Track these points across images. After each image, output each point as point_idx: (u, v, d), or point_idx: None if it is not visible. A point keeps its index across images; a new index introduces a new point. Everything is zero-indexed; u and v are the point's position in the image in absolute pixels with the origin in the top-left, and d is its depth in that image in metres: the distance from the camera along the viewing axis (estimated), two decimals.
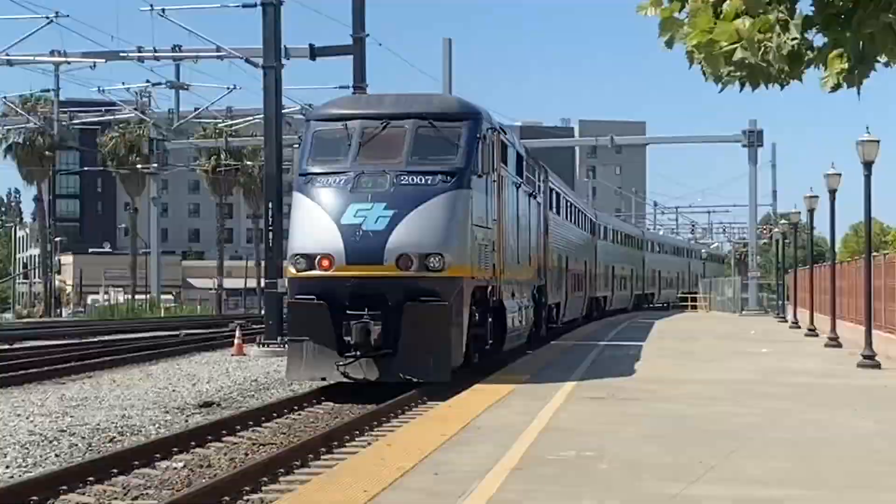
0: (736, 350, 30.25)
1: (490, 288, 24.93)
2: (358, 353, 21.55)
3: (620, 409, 15.98)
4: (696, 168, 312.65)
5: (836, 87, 6.20)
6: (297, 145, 28.85)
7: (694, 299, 78.83)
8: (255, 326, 43.03)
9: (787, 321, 49.20)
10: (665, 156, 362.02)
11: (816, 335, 35.85)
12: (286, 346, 25.43)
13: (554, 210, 38.61)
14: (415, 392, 21.06)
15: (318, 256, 22.26)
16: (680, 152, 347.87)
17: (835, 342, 30.65)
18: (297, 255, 22.77)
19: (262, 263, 50.48)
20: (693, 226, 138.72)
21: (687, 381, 20.50)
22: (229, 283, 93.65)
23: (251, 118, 60.09)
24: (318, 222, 22.72)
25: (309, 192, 23.08)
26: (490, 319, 25.39)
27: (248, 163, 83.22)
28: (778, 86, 6.31)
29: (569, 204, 45.29)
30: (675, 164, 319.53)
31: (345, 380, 21.99)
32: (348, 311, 21.82)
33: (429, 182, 22.91)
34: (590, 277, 51.35)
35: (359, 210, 22.39)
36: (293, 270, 22.87)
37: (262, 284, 39.30)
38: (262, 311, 39.19)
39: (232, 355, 31.60)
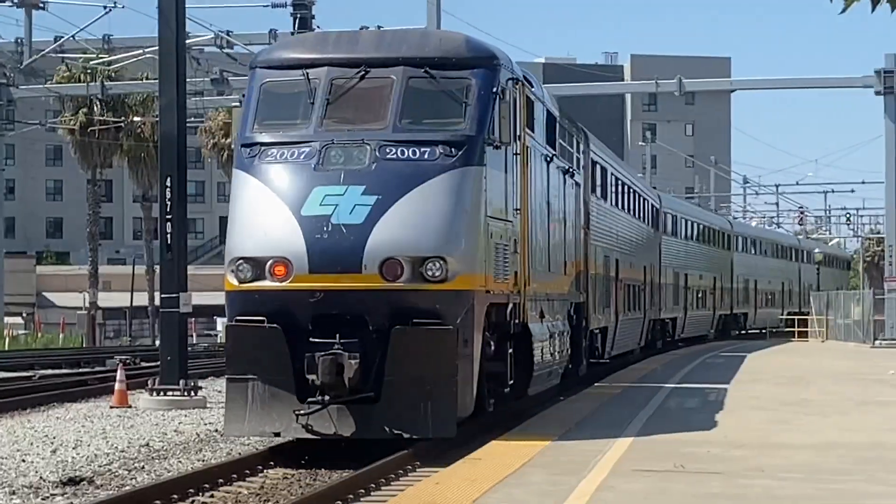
0: (867, 399, 30.27)
1: (511, 306, 24.98)
2: (326, 397, 21.33)
3: (692, 489, 15.93)
4: (806, 129, 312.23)
5: None
6: (236, 105, 29.26)
7: (803, 322, 78.72)
8: (145, 364, 42.98)
9: None
10: (760, 109, 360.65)
11: None
12: (225, 387, 24.11)
13: (598, 193, 38.81)
14: (406, 453, 20.87)
15: (270, 261, 22.14)
16: (781, 104, 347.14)
17: None
18: (238, 258, 22.52)
19: (157, 270, 50.34)
20: (802, 213, 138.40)
21: (793, 446, 20.43)
22: (107, 298, 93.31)
23: (140, 52, 59.90)
24: (269, 213, 22.60)
25: (256, 169, 22.95)
26: (511, 350, 25.14)
27: (136, 119, 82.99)
28: None
29: (620, 184, 45.38)
30: (774, 122, 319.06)
31: (308, 435, 21.86)
32: (312, 339, 21.70)
33: (426, 156, 22.71)
34: (651, 291, 51.20)
35: (327, 195, 22.23)
36: (234, 281, 22.67)
37: (157, 302, 39.10)
38: (157, 342, 39.09)
39: (111, 407, 31.36)
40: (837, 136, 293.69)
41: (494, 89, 23.44)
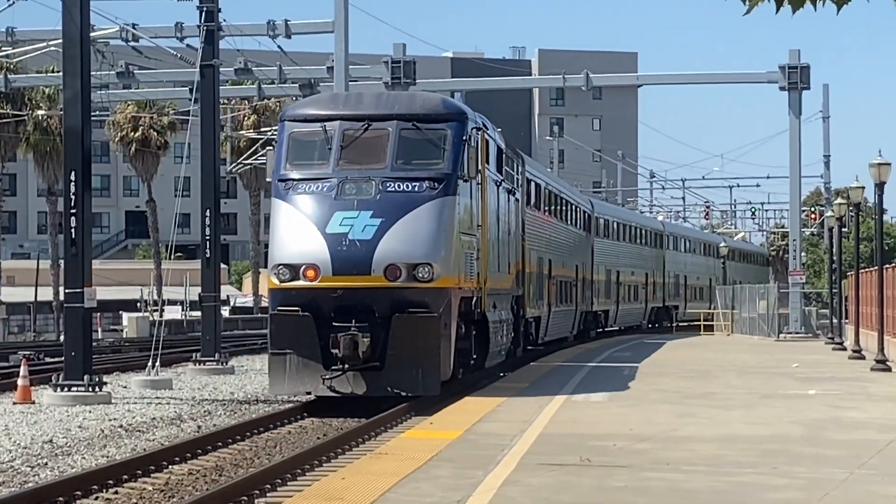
0: (770, 392, 30.63)
1: (475, 299, 33.72)
2: (345, 366, 29.71)
3: (598, 483, 16.00)
4: (713, 124, 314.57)
5: None
6: (271, 148, 38.67)
7: (710, 313, 79.40)
8: (49, 360, 42.75)
9: (844, 348, 49.73)
10: (667, 105, 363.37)
11: (888, 369, 36.29)
12: (268, 359, 32.78)
13: (533, 205, 47.43)
14: (405, 405, 29.85)
15: (303, 266, 30.30)
16: (688, 100, 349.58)
17: None
18: (280, 265, 30.69)
19: (62, 265, 50.00)
20: (708, 207, 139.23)
21: (697, 439, 20.63)
22: (11, 293, 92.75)
23: (44, 45, 59.38)
24: (301, 231, 30.79)
25: (290, 198, 31.18)
26: (474, 332, 34.34)
27: (40, 112, 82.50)
28: (832, 3, 6.39)
29: (553, 196, 54.05)
30: (681, 117, 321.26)
31: (331, 394, 30.26)
32: (334, 324, 29.83)
33: (416, 189, 31.06)
34: (583, 286, 56.71)
35: (344, 218, 30.36)
36: (276, 281, 30.96)
37: (62, 297, 38.92)
38: (62, 337, 38.84)
39: (14, 403, 31.22)
40: (743, 131, 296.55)
41: (464, 137, 32.03)
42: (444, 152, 31.83)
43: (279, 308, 30.64)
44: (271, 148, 37.27)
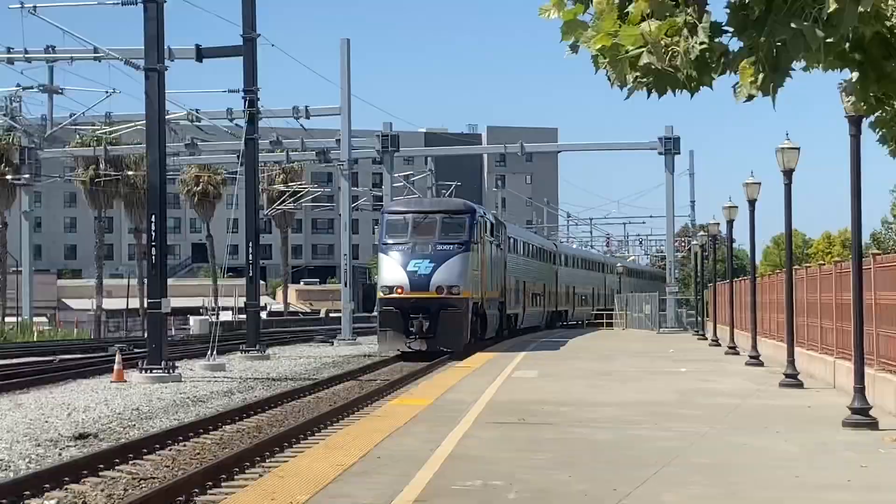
0: (653, 370, 30.59)
1: (480, 303, 44.81)
2: (416, 336, 41.51)
3: (531, 435, 16.05)
4: (611, 178, 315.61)
5: (751, 97, 6.28)
6: (377, 225, 50.11)
7: (610, 317, 79.27)
8: (137, 350, 42.53)
9: (706, 339, 49.78)
10: (579, 165, 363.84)
11: (737, 353, 36.36)
12: (378, 332, 44.60)
13: (511, 251, 56.19)
14: (446, 356, 40.05)
15: (396, 287, 41.93)
16: (594, 161, 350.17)
17: (756, 360, 31.19)
18: (385, 286, 42.53)
19: (146, 282, 49.76)
20: (608, 238, 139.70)
21: (602, 404, 20.65)
22: (109, 303, 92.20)
23: (133, 125, 59.14)
24: (395, 269, 42.27)
25: (389, 253, 42.82)
26: (478, 320, 44.85)
27: (130, 173, 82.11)
28: (688, 93, 6.38)
29: (521, 244, 62.69)
30: (589, 173, 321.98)
31: (409, 350, 41.72)
32: (410, 315, 41.35)
33: (450, 249, 42.40)
34: (510, 293, 55.80)
35: (416, 263, 41.90)
36: (382, 294, 42.72)
37: (145, 305, 38.65)
38: (145, 334, 38.65)
39: (111, 382, 31.12)
40: (634, 182, 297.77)
41: (473, 222, 44.01)
42: (464, 230, 43.55)
43: (384, 307, 42.61)
44: (377, 225, 45.45)
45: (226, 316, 79.29)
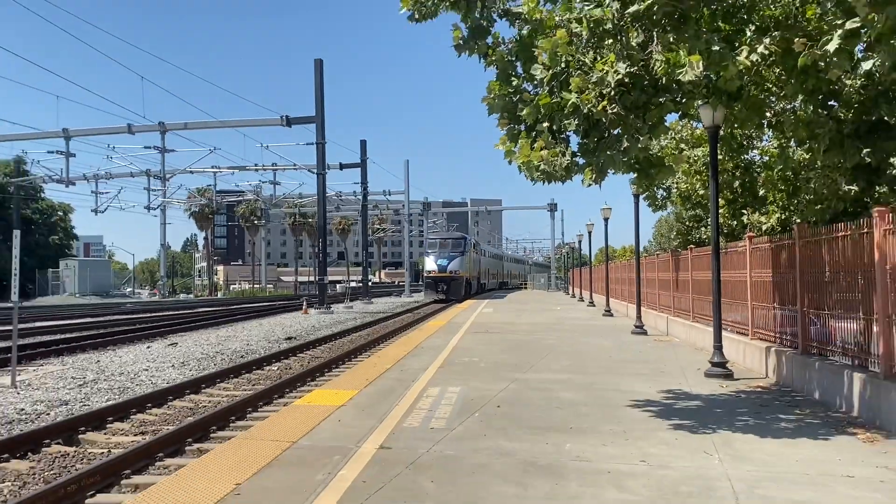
0: (544, 308, 30.35)
1: (469, 277, 42.86)
2: (441, 292, 40.49)
3: (491, 338, 15.91)
4: (526, 220, 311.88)
5: (590, 184, 6.36)
6: (427, 250, 44.02)
7: (525, 284, 78.99)
8: (313, 299, 42.46)
9: (569, 294, 49.53)
10: (515, 215, 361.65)
11: (582, 301, 36.16)
12: (424, 290, 43.23)
13: (482, 254, 53.50)
14: (453, 300, 39.59)
15: (432, 270, 40.93)
16: (521, 215, 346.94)
17: (591, 304, 31.01)
18: (427, 270, 41.33)
19: (317, 269, 49.59)
20: (525, 249, 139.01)
21: (521, 323, 20.37)
22: (300, 278, 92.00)
23: (311, 197, 58.93)
24: (431, 263, 41.22)
25: (429, 256, 41.64)
26: (468, 285, 42.82)
27: (310, 220, 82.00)
28: (560, 183, 6.44)
29: (486, 252, 58.98)
30: (521, 219, 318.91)
31: (438, 297, 40.46)
32: (438, 283, 40.68)
33: (455, 254, 41.13)
34: (482, 274, 55.45)
35: (441, 260, 40.85)
36: (426, 274, 41.44)
37: (317, 279, 38.58)
38: (317, 292, 38.58)
39: (301, 313, 30.91)
40: (536, 222, 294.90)
41: (466, 242, 42.96)
42: (461, 246, 42.35)
43: (427, 279, 41.52)
44: (425, 249, 43.76)
45: (353, 285, 79.12)
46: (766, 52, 6.69)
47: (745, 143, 14.99)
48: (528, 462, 5.77)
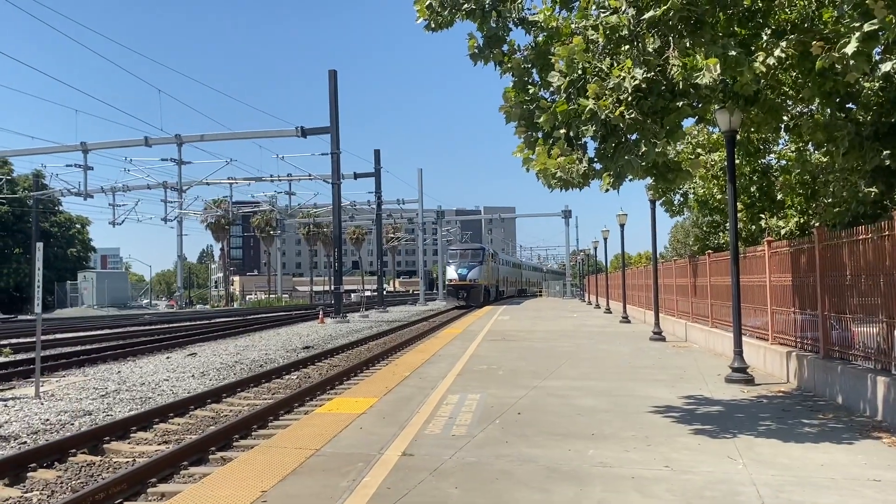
0: (561, 315, 30.28)
1: (488, 285, 43.63)
2: (461, 299, 40.91)
3: (509, 345, 15.86)
4: (542, 228, 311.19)
5: (608, 190, 6.39)
6: (448, 260, 44.73)
7: (542, 292, 78.67)
8: (329, 308, 42.63)
9: (585, 301, 49.31)
10: (528, 223, 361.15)
11: (599, 308, 35.97)
12: (445, 296, 45.89)
13: (501, 264, 54.45)
14: (473, 306, 39.80)
15: (452, 279, 41.54)
16: (534, 222, 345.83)
17: (608, 311, 30.85)
18: (448, 279, 42.14)
19: (332, 279, 49.73)
20: (540, 257, 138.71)
21: (538, 331, 20.34)
22: (315, 287, 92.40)
23: (326, 206, 59.19)
24: (452, 272, 41.83)
25: (449, 265, 42.31)
26: (488, 292, 43.54)
27: (325, 229, 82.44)
28: (578, 189, 6.47)
29: (506, 261, 61.04)
30: (534, 226, 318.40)
31: (459, 303, 41.02)
32: (459, 290, 41.23)
33: (474, 264, 41.59)
34: (499, 283, 56.00)
35: (460, 270, 41.54)
36: (448, 282, 42.21)
37: (332, 287, 38.77)
38: (332, 301, 38.72)
39: (318, 323, 30.99)
40: (551, 230, 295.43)
41: (484, 252, 43.25)
42: (479, 256, 42.75)
43: (448, 287, 42.43)
44: (447, 258, 45.04)
45: (367, 293, 79.25)
46: (783, 55, 6.70)
47: (762, 147, 14.93)
48: (550, 468, 5.78)
